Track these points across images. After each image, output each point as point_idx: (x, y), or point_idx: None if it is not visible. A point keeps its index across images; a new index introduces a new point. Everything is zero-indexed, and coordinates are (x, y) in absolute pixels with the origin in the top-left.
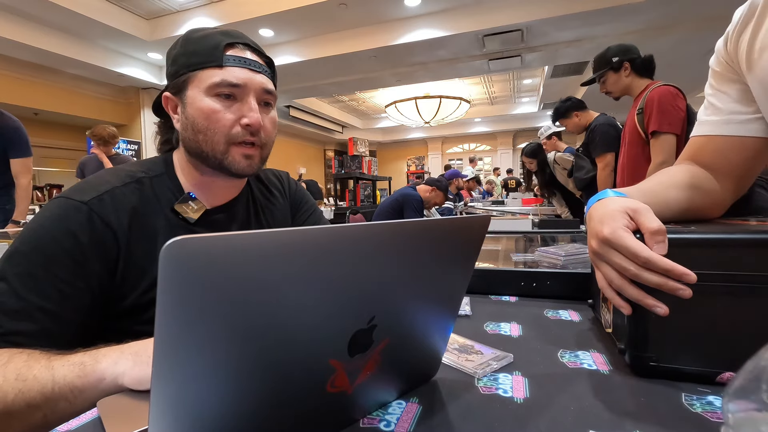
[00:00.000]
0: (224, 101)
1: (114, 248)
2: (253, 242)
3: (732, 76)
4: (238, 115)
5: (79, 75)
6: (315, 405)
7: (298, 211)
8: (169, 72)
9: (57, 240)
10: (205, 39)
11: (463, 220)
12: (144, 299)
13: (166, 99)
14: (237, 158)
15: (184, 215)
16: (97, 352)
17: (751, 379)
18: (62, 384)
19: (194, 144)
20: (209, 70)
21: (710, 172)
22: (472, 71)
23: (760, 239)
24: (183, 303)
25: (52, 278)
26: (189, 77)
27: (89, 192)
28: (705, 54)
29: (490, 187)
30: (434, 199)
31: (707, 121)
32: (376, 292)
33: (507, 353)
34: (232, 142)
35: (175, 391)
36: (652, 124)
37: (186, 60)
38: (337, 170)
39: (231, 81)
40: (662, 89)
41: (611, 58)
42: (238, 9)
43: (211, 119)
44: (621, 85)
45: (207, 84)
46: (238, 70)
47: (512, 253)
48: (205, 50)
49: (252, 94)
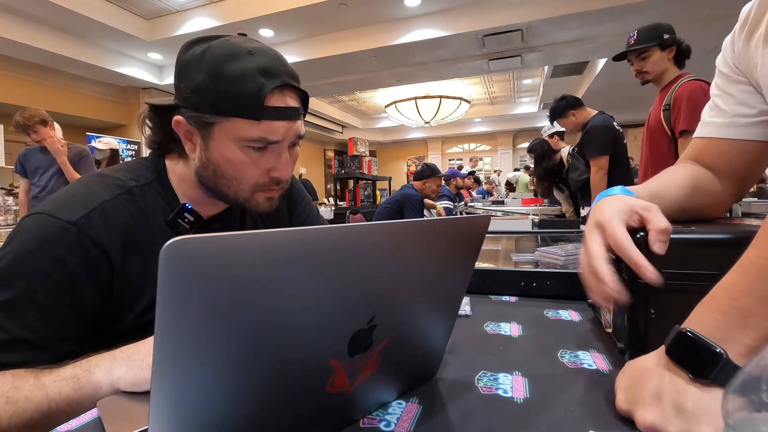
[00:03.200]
0: (255, 152)
1: (107, 270)
2: (253, 242)
3: (738, 78)
4: (269, 167)
5: (79, 75)
6: (315, 405)
7: (296, 209)
8: (186, 97)
9: (42, 266)
10: (243, 81)
11: (463, 220)
12: (140, 322)
13: (179, 124)
14: (260, 201)
15: (180, 230)
16: (88, 362)
17: (751, 378)
18: (58, 400)
19: (213, 185)
20: (245, 121)
21: (712, 173)
22: (472, 71)
23: None
24: (183, 303)
25: (36, 308)
26: (218, 122)
27: (76, 209)
28: (705, 53)
29: (490, 187)
30: (430, 187)
31: (711, 123)
32: (376, 292)
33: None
34: (258, 190)
35: (175, 391)
36: (682, 122)
37: (216, 101)
38: (337, 170)
39: (270, 139)
40: (692, 84)
41: (663, 33)
42: (238, 9)
43: (239, 170)
44: (661, 67)
45: (241, 136)
46: (278, 123)
47: (512, 253)
48: (243, 98)
49: (286, 145)
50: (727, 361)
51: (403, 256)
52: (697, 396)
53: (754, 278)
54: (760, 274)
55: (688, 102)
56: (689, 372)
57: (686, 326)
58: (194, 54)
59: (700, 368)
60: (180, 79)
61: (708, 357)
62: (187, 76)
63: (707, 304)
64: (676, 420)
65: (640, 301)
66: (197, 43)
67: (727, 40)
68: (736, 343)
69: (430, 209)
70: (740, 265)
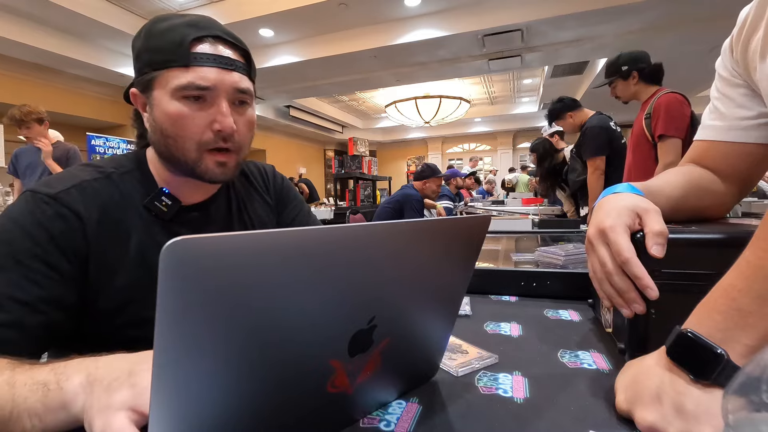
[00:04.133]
0: (193, 104)
1: (84, 245)
2: (254, 243)
3: (737, 81)
4: (209, 120)
5: (79, 75)
6: (315, 405)
7: (285, 208)
8: (135, 67)
9: (27, 232)
10: (169, 32)
11: (463, 220)
12: (111, 304)
13: (134, 96)
14: (210, 166)
15: (157, 212)
16: (66, 370)
17: (751, 379)
18: (22, 408)
19: (164, 148)
20: (174, 70)
21: (714, 174)
22: (472, 71)
23: None
24: (183, 302)
25: (23, 269)
26: (153, 77)
27: (56, 186)
28: (705, 54)
29: (490, 187)
30: (431, 187)
31: (711, 126)
32: (376, 292)
33: (492, 354)
34: (204, 149)
35: (176, 391)
36: (660, 128)
37: (149, 57)
38: (337, 170)
39: (199, 84)
40: (670, 96)
41: (621, 66)
42: (238, 9)
43: (179, 125)
44: (629, 92)
45: (172, 86)
46: (208, 69)
47: (512, 253)
48: (169, 47)
49: (223, 95)
50: (727, 362)
51: (403, 256)
52: (698, 397)
53: (752, 278)
54: (757, 273)
55: (666, 110)
56: (690, 373)
57: (687, 327)
58: (139, 31)
59: (701, 369)
60: (133, 58)
61: (709, 358)
62: (134, 49)
63: (706, 305)
64: (676, 421)
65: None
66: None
67: (726, 44)
68: (736, 343)
69: (431, 209)
70: (738, 265)
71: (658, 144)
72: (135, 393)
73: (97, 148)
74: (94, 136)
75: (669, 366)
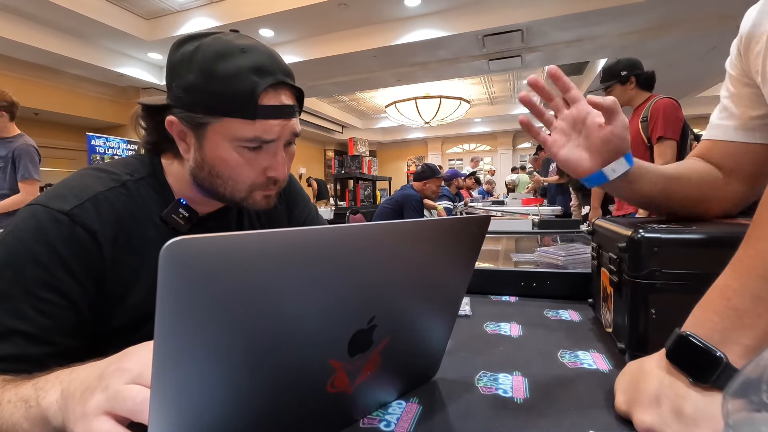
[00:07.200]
0: (251, 152)
1: (99, 261)
2: (254, 242)
3: (745, 80)
4: (264, 166)
5: (79, 75)
6: (315, 405)
7: (295, 209)
8: (178, 96)
9: (35, 256)
10: (235, 80)
11: (463, 220)
12: (131, 317)
13: (172, 124)
14: (258, 200)
15: (175, 225)
16: (45, 385)
17: (750, 379)
18: (9, 424)
19: (209, 185)
20: (238, 121)
21: (717, 169)
22: (472, 71)
23: None
24: (183, 303)
25: (32, 298)
26: (210, 122)
27: (70, 199)
28: (705, 53)
29: (490, 187)
30: (431, 188)
31: (719, 125)
32: (376, 292)
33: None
34: (255, 190)
35: (175, 391)
36: (659, 130)
37: (208, 101)
38: (337, 170)
39: (264, 138)
40: (666, 101)
41: (620, 71)
42: (238, 9)
43: (235, 171)
44: (625, 97)
45: (235, 136)
46: (272, 122)
47: (512, 253)
48: (236, 97)
49: (282, 144)
50: (726, 365)
51: (403, 256)
52: (697, 400)
53: (746, 277)
54: (751, 272)
55: (664, 114)
56: (689, 376)
57: (685, 329)
58: (185, 52)
59: (700, 372)
60: (172, 78)
61: (708, 361)
62: (178, 75)
63: (703, 306)
64: (674, 423)
65: (640, 301)
66: (188, 41)
67: (734, 43)
68: (734, 343)
69: (431, 210)
70: (732, 265)
71: (655, 146)
72: (108, 396)
73: (97, 148)
74: (94, 136)
75: (668, 368)
